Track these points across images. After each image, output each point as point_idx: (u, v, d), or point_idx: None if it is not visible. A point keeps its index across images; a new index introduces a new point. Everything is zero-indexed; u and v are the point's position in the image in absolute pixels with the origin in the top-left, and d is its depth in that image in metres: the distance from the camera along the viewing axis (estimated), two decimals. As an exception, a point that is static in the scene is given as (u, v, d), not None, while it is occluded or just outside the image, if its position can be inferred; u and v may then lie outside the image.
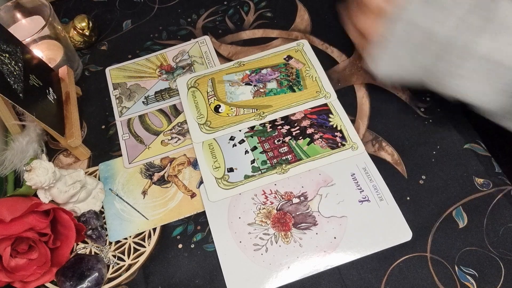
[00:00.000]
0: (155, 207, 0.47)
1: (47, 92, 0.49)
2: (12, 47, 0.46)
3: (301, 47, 0.57)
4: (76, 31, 0.61)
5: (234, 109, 0.52)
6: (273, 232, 0.43)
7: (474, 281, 0.39)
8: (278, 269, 0.41)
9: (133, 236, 0.45)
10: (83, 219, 0.45)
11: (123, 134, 0.53)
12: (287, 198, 0.45)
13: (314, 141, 0.48)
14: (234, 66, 0.56)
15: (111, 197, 0.48)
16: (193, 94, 0.54)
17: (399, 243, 0.41)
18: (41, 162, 0.41)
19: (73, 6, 0.68)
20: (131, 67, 0.59)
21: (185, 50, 0.60)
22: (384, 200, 0.44)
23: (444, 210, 0.43)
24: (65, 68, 0.55)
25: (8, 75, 0.43)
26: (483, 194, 0.43)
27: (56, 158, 0.52)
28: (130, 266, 0.43)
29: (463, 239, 0.41)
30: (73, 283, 0.40)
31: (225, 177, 0.47)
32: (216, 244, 0.43)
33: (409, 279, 0.39)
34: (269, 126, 0.50)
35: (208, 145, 0.50)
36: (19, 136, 0.49)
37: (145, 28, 0.63)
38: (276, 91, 0.53)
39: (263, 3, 0.63)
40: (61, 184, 0.43)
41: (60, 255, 0.43)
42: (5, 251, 0.39)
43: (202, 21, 0.63)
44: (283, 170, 0.47)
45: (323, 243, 0.42)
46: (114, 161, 0.51)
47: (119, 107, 0.55)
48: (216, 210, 0.45)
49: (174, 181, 0.48)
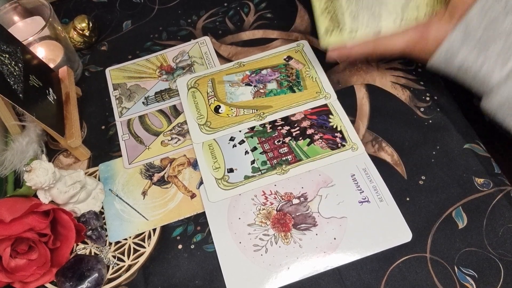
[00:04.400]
0: (155, 207, 0.47)
1: (47, 92, 0.49)
2: (12, 47, 0.46)
3: (301, 48, 0.57)
4: (76, 31, 0.61)
5: (234, 110, 0.52)
6: (273, 233, 0.43)
7: (474, 282, 0.39)
8: (278, 270, 0.41)
9: (133, 237, 0.45)
10: (83, 220, 0.45)
11: (123, 135, 0.53)
12: (287, 199, 0.45)
13: (314, 142, 0.48)
14: (234, 66, 0.56)
15: (111, 197, 0.48)
16: (193, 95, 0.54)
17: (399, 243, 0.41)
18: (41, 163, 0.41)
19: (73, 6, 0.68)
20: (131, 67, 0.59)
21: (185, 50, 0.60)
22: (384, 200, 0.44)
23: (443, 211, 0.43)
24: (65, 68, 0.55)
25: (8, 75, 0.43)
26: (482, 194, 0.43)
27: (56, 159, 0.52)
28: (130, 266, 0.43)
29: (463, 240, 0.41)
30: (73, 283, 0.40)
31: (225, 178, 0.47)
32: (216, 245, 0.43)
33: (409, 280, 0.39)
34: (269, 127, 0.50)
35: (208, 146, 0.50)
36: (19, 136, 0.49)
37: (145, 29, 0.63)
38: (276, 91, 0.53)
39: (263, 4, 0.63)
40: (61, 184, 0.43)
41: (60, 255, 0.43)
42: (5, 251, 0.39)
43: (202, 21, 0.63)
44: (283, 170, 0.47)
45: (323, 244, 0.42)
46: (114, 162, 0.51)
47: (119, 107, 0.55)
48: (216, 210, 0.45)
49: (174, 182, 0.48)
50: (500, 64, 0.39)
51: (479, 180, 0.44)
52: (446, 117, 0.48)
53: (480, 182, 0.44)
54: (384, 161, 0.47)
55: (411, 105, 0.50)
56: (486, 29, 0.39)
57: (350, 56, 0.49)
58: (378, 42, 0.46)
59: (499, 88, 0.39)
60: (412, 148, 0.47)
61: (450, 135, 0.47)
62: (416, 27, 0.45)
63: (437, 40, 0.42)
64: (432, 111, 0.49)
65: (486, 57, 0.39)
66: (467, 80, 0.42)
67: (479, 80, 0.41)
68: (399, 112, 0.50)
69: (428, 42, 0.43)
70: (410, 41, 0.44)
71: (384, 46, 0.46)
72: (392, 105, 0.50)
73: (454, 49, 0.41)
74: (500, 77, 0.39)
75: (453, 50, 0.41)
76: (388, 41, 0.46)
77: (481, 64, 0.40)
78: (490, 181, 0.44)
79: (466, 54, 0.40)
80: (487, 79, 0.40)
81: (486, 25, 0.39)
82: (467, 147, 0.46)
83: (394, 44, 0.45)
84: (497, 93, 0.39)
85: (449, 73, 0.43)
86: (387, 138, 0.48)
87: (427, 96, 0.50)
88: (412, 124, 0.49)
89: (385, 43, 0.46)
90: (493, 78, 0.39)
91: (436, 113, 0.49)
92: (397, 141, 0.48)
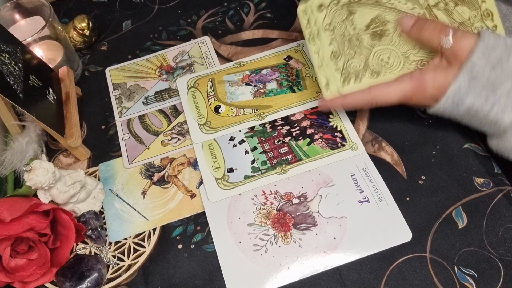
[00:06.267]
0: (155, 207, 0.47)
1: (47, 92, 0.49)
2: (12, 47, 0.46)
3: (301, 48, 0.57)
4: (76, 31, 0.61)
5: (234, 110, 0.52)
6: (272, 233, 0.43)
7: (474, 281, 0.39)
8: (277, 270, 0.41)
9: (133, 237, 0.45)
10: (83, 220, 0.45)
11: (123, 135, 0.53)
12: (287, 199, 0.45)
13: (314, 142, 0.48)
14: (234, 66, 0.56)
15: (111, 197, 0.48)
16: (193, 95, 0.54)
17: (398, 243, 0.41)
18: (41, 163, 0.41)
19: (73, 6, 0.68)
20: (131, 67, 0.59)
21: (185, 50, 0.60)
22: (384, 200, 0.44)
23: (443, 211, 0.43)
24: (65, 68, 0.55)
25: (8, 75, 0.43)
26: (482, 194, 0.43)
27: (56, 159, 0.52)
28: (130, 266, 0.43)
29: (463, 240, 0.41)
30: (73, 283, 0.40)
31: (225, 178, 0.47)
32: (216, 245, 0.43)
33: (409, 280, 0.39)
34: (269, 127, 0.50)
35: (208, 146, 0.50)
36: (19, 136, 0.49)
37: (145, 29, 0.63)
38: (276, 91, 0.53)
39: (263, 4, 0.63)
40: (61, 184, 0.43)
41: (59, 255, 0.43)
42: (5, 251, 0.39)
43: (202, 21, 0.63)
44: (283, 170, 0.47)
45: (322, 244, 0.42)
46: (114, 162, 0.51)
47: (119, 107, 0.55)
48: (216, 210, 0.45)
49: (174, 182, 0.48)
50: (511, 105, 0.38)
51: (479, 180, 0.44)
52: (446, 117, 0.48)
53: (480, 182, 0.44)
54: (384, 161, 0.47)
55: (411, 105, 0.50)
56: (492, 71, 0.39)
57: (344, 105, 0.48)
58: (373, 92, 0.45)
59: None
60: (412, 148, 0.47)
61: (450, 135, 0.47)
62: (412, 77, 0.43)
63: (437, 88, 0.41)
64: (432, 111, 0.49)
65: (495, 99, 0.39)
66: (475, 122, 0.42)
67: (489, 122, 0.40)
68: (399, 111, 0.50)
69: (426, 90, 0.42)
70: (407, 92, 0.43)
71: (379, 97, 0.44)
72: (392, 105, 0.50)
73: (461, 94, 0.40)
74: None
75: (460, 95, 0.40)
76: (383, 92, 0.44)
77: (490, 106, 0.39)
78: (490, 181, 0.44)
79: (474, 97, 0.39)
80: (498, 121, 0.39)
81: (491, 67, 0.39)
82: (467, 147, 0.46)
83: (390, 96, 0.44)
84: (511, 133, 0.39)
85: (455, 116, 0.42)
86: (387, 138, 0.48)
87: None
88: (412, 124, 0.49)
89: (380, 94, 0.44)
90: (505, 119, 0.39)
91: (436, 113, 0.49)
92: (397, 141, 0.48)
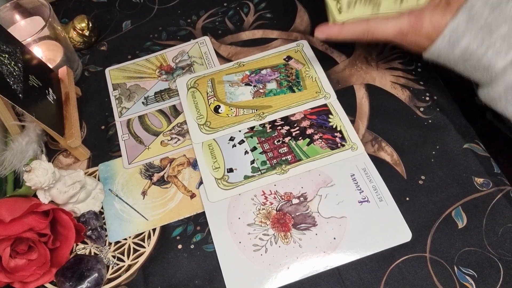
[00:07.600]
0: (155, 207, 0.47)
1: (46, 92, 0.49)
2: (11, 47, 0.46)
3: (300, 48, 0.57)
4: (75, 31, 0.61)
5: (233, 110, 0.52)
6: (272, 233, 0.43)
7: (473, 281, 0.39)
8: (277, 270, 0.41)
9: (133, 237, 0.45)
10: (83, 220, 0.45)
11: (122, 135, 0.53)
12: (287, 199, 0.45)
13: (313, 142, 0.48)
14: (233, 66, 0.56)
15: (110, 197, 0.48)
16: (193, 95, 0.54)
17: (398, 243, 0.41)
18: (40, 163, 0.41)
19: (72, 6, 0.68)
20: (131, 67, 0.59)
21: (184, 50, 0.60)
22: (383, 200, 0.44)
23: (443, 210, 0.43)
24: (64, 68, 0.55)
25: (7, 75, 0.43)
26: (482, 194, 0.43)
27: (55, 159, 0.52)
28: (129, 266, 0.43)
29: (462, 240, 0.41)
30: (73, 283, 0.40)
31: (224, 178, 0.47)
32: (216, 245, 0.43)
33: (408, 280, 0.39)
34: (269, 127, 0.50)
35: (208, 146, 0.50)
36: (18, 136, 0.49)
37: (145, 29, 0.63)
38: (275, 91, 0.53)
39: (263, 4, 0.63)
40: (60, 184, 0.43)
41: (59, 255, 0.43)
42: (4, 251, 0.39)
43: (201, 21, 0.63)
44: (282, 170, 0.47)
45: (322, 244, 0.42)
46: (114, 162, 0.51)
47: (119, 107, 0.55)
48: (215, 210, 0.45)
49: (174, 182, 0.48)
50: (505, 49, 0.38)
51: (478, 180, 0.44)
52: (446, 117, 0.48)
53: (480, 182, 0.44)
54: (383, 161, 0.47)
55: (411, 105, 0.50)
56: (490, 12, 0.38)
57: (340, 34, 0.47)
58: (370, 23, 0.45)
59: (505, 74, 0.38)
60: (411, 148, 0.47)
61: (449, 135, 0.47)
62: (410, 13, 0.43)
63: (434, 27, 0.41)
64: (431, 111, 0.49)
65: (490, 42, 0.38)
66: (468, 67, 0.41)
67: (482, 66, 0.39)
68: (399, 112, 0.50)
69: (422, 27, 0.42)
70: (403, 28, 0.43)
71: (375, 29, 0.45)
72: (392, 105, 0.50)
73: (458, 33, 0.40)
74: (506, 63, 0.38)
75: (457, 34, 0.40)
76: (380, 24, 0.44)
77: (485, 49, 0.38)
78: (490, 181, 0.44)
79: (471, 38, 0.39)
80: (491, 65, 0.39)
81: (490, 10, 0.38)
82: (467, 147, 0.46)
83: (386, 29, 0.44)
84: (502, 79, 0.38)
85: (449, 60, 0.42)
86: (387, 138, 0.48)
87: (426, 96, 0.50)
88: (411, 124, 0.49)
89: (377, 26, 0.44)
90: (498, 64, 0.38)
91: (435, 113, 0.49)
92: (397, 141, 0.48)
